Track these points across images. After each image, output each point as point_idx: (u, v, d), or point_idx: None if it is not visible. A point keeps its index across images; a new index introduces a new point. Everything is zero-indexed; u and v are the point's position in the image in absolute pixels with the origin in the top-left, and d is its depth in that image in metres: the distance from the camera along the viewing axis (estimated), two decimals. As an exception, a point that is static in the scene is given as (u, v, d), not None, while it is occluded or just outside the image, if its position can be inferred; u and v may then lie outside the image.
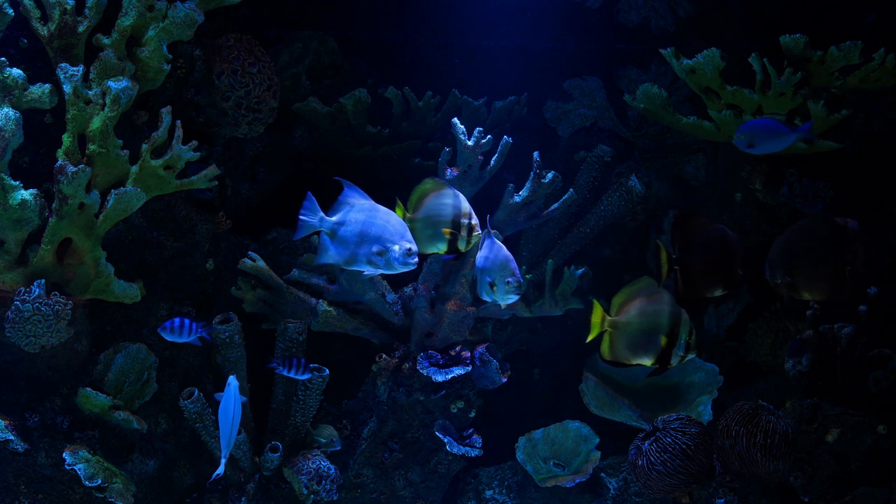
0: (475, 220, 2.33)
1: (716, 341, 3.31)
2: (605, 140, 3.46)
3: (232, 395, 2.39)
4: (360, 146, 3.30)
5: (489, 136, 2.73)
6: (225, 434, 2.38)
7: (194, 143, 2.50)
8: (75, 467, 2.42)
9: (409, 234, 2.15)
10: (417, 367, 2.86)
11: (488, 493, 3.12)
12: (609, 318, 2.41)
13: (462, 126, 2.72)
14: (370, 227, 2.14)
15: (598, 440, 3.07)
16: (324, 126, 3.23)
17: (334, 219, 2.16)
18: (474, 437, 2.98)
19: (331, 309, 2.89)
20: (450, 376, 2.84)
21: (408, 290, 2.97)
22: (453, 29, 3.54)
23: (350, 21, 3.51)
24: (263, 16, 3.26)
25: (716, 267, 2.45)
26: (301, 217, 2.16)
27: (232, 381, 2.40)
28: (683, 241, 2.46)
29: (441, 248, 2.33)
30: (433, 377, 2.83)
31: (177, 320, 2.47)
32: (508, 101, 3.39)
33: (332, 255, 2.17)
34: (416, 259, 2.16)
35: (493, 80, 3.45)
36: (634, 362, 2.43)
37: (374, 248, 2.14)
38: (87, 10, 2.41)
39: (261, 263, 2.87)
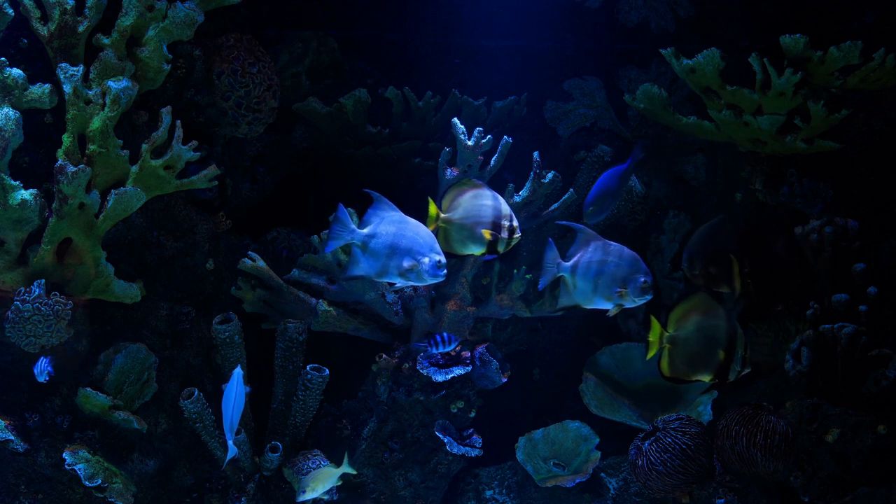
0: (516, 223, 2.30)
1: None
2: (605, 140, 3.47)
3: (235, 383, 2.41)
4: (360, 146, 3.30)
5: (489, 136, 2.73)
6: (227, 417, 2.40)
7: (194, 143, 2.50)
8: (75, 467, 2.42)
9: (437, 247, 2.15)
10: (417, 367, 2.87)
11: (488, 493, 3.12)
12: (667, 333, 2.37)
13: (462, 126, 2.72)
14: (400, 239, 2.15)
15: (598, 440, 3.07)
16: (324, 126, 3.23)
17: (365, 231, 2.17)
18: (474, 437, 2.98)
19: (331, 309, 2.89)
20: (450, 376, 2.84)
21: (408, 289, 2.97)
22: (453, 29, 3.54)
23: (350, 21, 3.51)
24: (263, 16, 3.26)
25: (783, 280, 2.47)
26: (333, 229, 2.17)
27: (237, 371, 2.43)
28: (754, 254, 2.47)
29: (477, 249, 2.30)
30: (433, 377, 2.83)
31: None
32: (508, 101, 3.39)
33: (363, 268, 2.18)
34: (446, 271, 2.16)
35: (493, 80, 3.45)
36: (693, 378, 2.39)
37: (405, 261, 2.15)
38: (87, 10, 2.41)
39: (261, 263, 2.87)
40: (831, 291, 2.77)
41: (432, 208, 2.27)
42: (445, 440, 2.90)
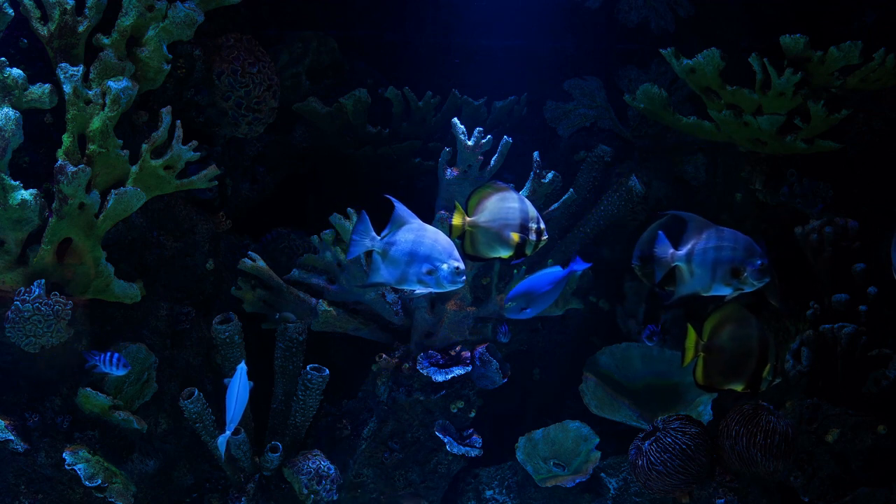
0: (543, 225, 2.30)
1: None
2: (605, 140, 3.46)
3: (239, 376, 2.42)
4: (360, 146, 3.30)
5: (489, 136, 2.73)
6: (230, 408, 2.41)
7: (194, 143, 2.50)
8: (75, 467, 2.42)
9: (456, 253, 2.15)
10: (417, 367, 2.86)
11: (488, 493, 3.12)
12: (703, 342, 2.37)
13: (462, 126, 2.72)
14: (420, 246, 2.15)
15: (598, 440, 3.07)
16: (324, 126, 3.23)
17: (385, 239, 2.17)
18: (474, 437, 2.98)
19: (331, 309, 2.89)
20: (450, 376, 2.84)
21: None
22: (453, 29, 3.54)
23: (350, 21, 3.51)
24: (263, 16, 3.26)
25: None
26: (353, 237, 2.18)
27: (241, 366, 2.45)
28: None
29: (504, 252, 2.29)
30: (433, 377, 2.83)
31: (106, 355, 2.46)
32: (508, 101, 3.39)
33: (383, 275, 2.18)
34: (465, 278, 2.17)
35: (493, 80, 3.45)
36: (726, 387, 2.39)
37: (424, 268, 2.15)
38: (87, 10, 2.41)
39: (261, 263, 2.87)
40: (831, 291, 2.77)
41: (458, 212, 2.26)
42: (445, 440, 2.90)
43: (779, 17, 3.15)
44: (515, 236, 2.25)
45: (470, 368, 2.89)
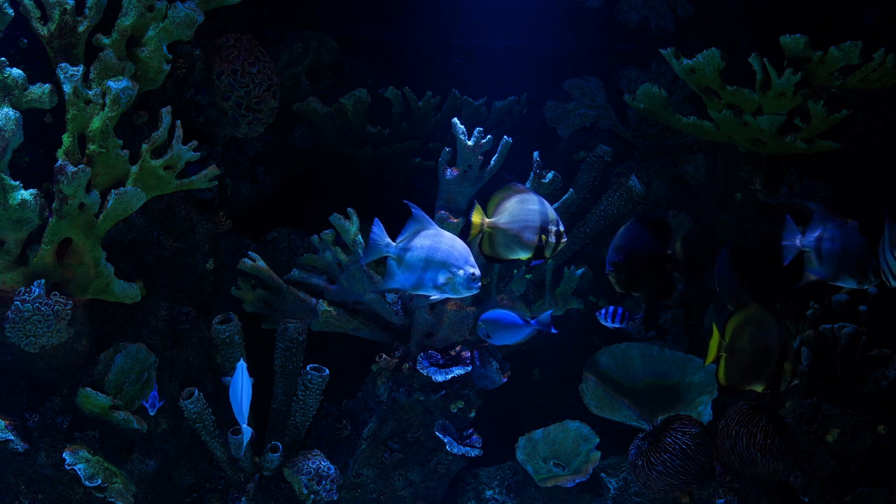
0: (563, 227, 2.31)
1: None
2: (605, 140, 3.47)
3: (241, 372, 2.44)
4: (361, 146, 3.30)
5: (489, 136, 2.73)
6: (237, 404, 2.44)
7: (194, 143, 2.50)
8: (75, 467, 2.42)
9: (472, 260, 2.16)
10: (417, 367, 2.87)
11: (488, 493, 3.12)
12: (725, 343, 2.39)
13: (462, 126, 2.72)
14: (435, 252, 2.15)
15: (598, 440, 3.07)
16: (324, 126, 3.23)
17: (400, 244, 2.17)
18: (474, 437, 2.98)
19: (331, 309, 2.89)
20: (450, 376, 2.84)
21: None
22: (453, 29, 3.54)
23: (350, 21, 3.51)
24: (263, 16, 3.26)
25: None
26: (369, 242, 2.18)
27: (241, 363, 2.46)
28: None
29: (523, 254, 2.30)
30: (433, 377, 2.83)
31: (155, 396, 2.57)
32: (508, 101, 3.39)
33: (398, 280, 2.18)
34: (480, 284, 2.17)
35: (493, 80, 3.45)
36: (747, 388, 2.42)
37: (440, 274, 2.15)
38: (87, 10, 2.41)
39: (261, 263, 2.87)
40: (831, 291, 2.77)
41: (477, 213, 2.26)
42: (445, 440, 2.90)
43: (779, 17, 3.15)
44: (548, 240, 2.25)
45: (470, 368, 2.89)
